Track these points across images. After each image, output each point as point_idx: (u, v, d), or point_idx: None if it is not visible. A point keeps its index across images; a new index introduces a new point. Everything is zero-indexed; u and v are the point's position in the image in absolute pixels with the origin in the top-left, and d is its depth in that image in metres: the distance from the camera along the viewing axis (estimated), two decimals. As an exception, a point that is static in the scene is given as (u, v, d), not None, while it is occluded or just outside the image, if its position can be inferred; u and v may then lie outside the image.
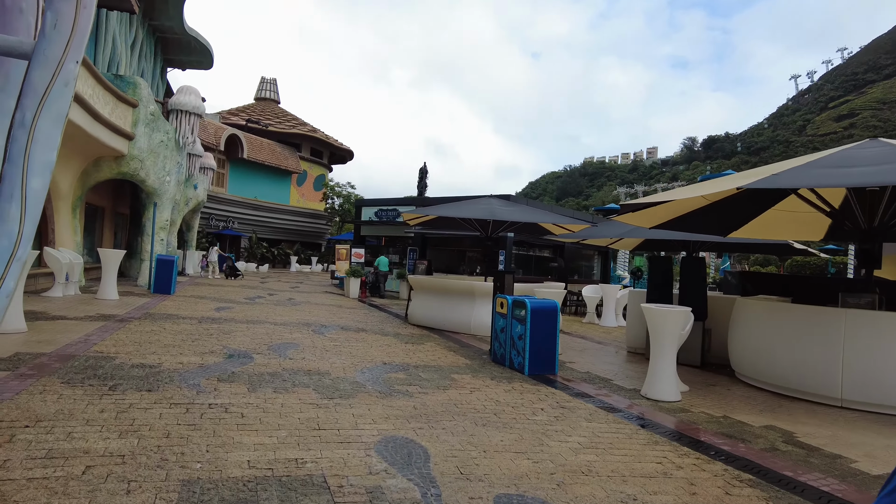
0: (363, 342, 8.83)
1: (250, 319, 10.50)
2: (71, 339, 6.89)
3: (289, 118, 45.81)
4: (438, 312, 11.45)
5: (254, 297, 15.79)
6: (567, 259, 20.17)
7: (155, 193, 15.54)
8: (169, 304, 11.86)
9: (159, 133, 15.36)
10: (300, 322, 10.75)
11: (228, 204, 36.42)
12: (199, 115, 16.43)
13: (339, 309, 14.24)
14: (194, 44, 23.60)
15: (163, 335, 7.86)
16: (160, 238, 15.74)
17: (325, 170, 46.59)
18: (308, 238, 44.08)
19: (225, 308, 12.12)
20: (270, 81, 48.46)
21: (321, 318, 11.82)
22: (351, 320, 11.84)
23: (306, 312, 12.66)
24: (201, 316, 10.41)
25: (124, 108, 14.00)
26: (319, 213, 44.19)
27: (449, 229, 17.76)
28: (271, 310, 12.57)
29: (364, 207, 24.02)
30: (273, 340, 8.24)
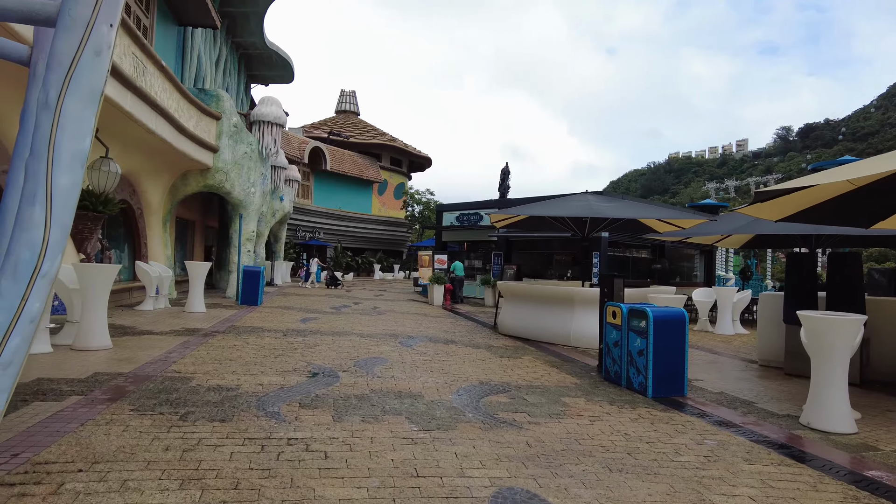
0: (454, 356, 8.00)
1: (335, 331, 9.99)
2: (151, 357, 6.54)
3: (368, 129, 46.37)
4: (532, 321, 10.45)
5: (339, 306, 15.46)
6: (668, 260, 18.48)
7: (240, 205, 15.62)
8: (254, 316, 11.63)
9: (243, 145, 15.43)
10: (386, 333, 10.11)
11: (314, 215, 37.15)
12: (280, 126, 16.43)
13: (424, 318, 13.56)
14: (275, 58, 24.02)
15: (245, 351, 7.41)
16: (247, 249, 15.81)
17: (405, 178, 46.72)
18: (390, 246, 44.29)
19: (310, 319, 11.74)
20: (349, 94, 49.35)
21: (407, 328, 11.15)
22: (438, 330, 11.09)
23: (392, 322, 12.06)
24: (286, 328, 10.02)
25: (208, 120, 14.11)
26: (400, 220, 44.30)
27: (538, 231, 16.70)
28: (356, 320, 12.07)
29: (445, 213, 23.40)
30: (359, 354, 7.59)
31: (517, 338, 10.51)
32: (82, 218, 9.11)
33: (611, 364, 6.99)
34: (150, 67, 10.21)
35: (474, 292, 21.76)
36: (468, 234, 22.40)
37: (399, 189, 45.46)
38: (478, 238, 22.09)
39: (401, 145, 44.78)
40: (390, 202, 44.87)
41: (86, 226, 9.22)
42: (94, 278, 6.66)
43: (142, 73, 9.69)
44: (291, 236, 34.77)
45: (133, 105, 9.25)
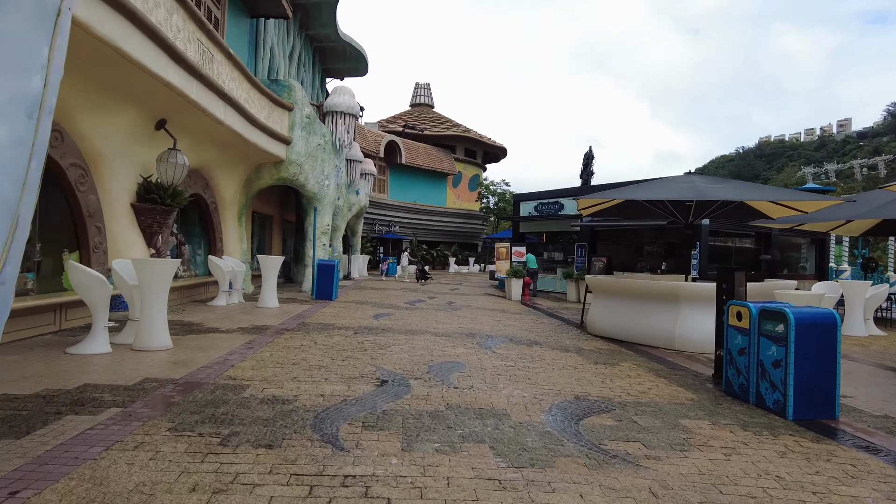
0: (541, 361, 7.01)
1: (409, 329, 9.25)
2: (210, 359, 6.02)
3: (443, 121, 45.79)
4: (628, 321, 9.24)
5: (414, 301, 14.82)
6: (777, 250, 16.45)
7: (315, 198, 15.30)
8: (327, 312, 11.14)
9: (316, 136, 15.07)
10: (462, 332, 9.26)
11: (390, 209, 37.05)
12: (353, 116, 15.97)
13: (502, 314, 12.61)
14: (349, 50, 23.74)
15: (311, 352, 6.78)
16: (322, 243, 15.49)
17: (479, 169, 45.78)
18: (465, 239, 43.58)
19: (384, 315, 11.11)
20: (424, 86, 48.96)
21: (485, 326, 10.25)
22: (518, 329, 10.11)
23: (468, 319, 11.20)
24: (358, 325, 9.40)
25: (280, 112, 13.80)
26: (475, 213, 43.47)
27: (628, 219, 15.28)
28: (431, 316, 11.32)
29: (522, 202, 22.27)
30: (433, 358, 6.78)
31: (610, 339, 9.35)
32: (150, 212, 8.87)
33: (734, 375, 5.75)
34: (218, 55, 9.86)
35: (554, 286, 20.55)
36: (547, 224, 21.18)
37: (473, 181, 44.59)
38: (558, 228, 20.82)
39: (475, 136, 43.87)
40: (465, 194, 44.11)
41: (154, 219, 8.98)
42: (152, 274, 6.23)
43: (208, 60, 9.34)
44: (368, 230, 34.80)
45: (199, 94, 8.90)
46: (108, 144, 8.10)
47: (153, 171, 9.13)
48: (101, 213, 8.24)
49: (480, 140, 44.14)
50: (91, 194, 7.93)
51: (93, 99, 7.53)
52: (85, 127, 7.64)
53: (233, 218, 13.97)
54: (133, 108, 8.30)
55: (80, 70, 7.03)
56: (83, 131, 7.64)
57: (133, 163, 8.78)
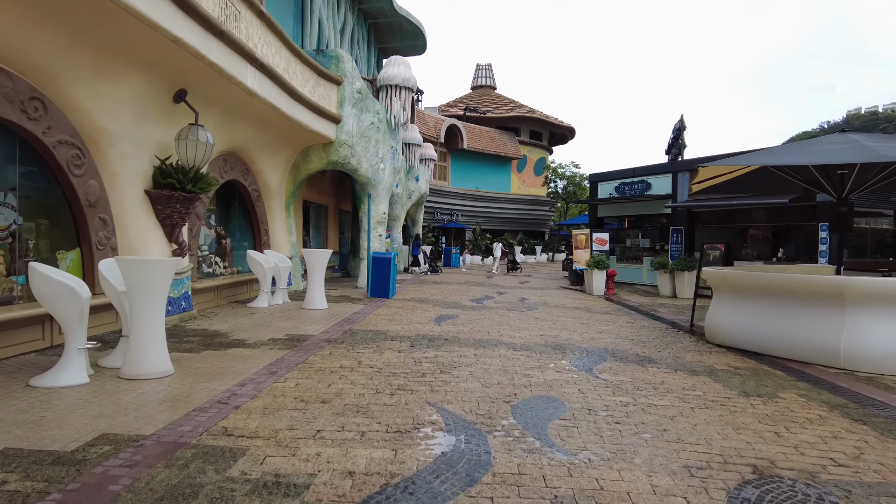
0: (667, 393, 4.99)
1: (478, 339, 7.41)
2: (212, 395, 4.40)
3: (506, 102, 43.49)
4: (768, 328, 7.02)
5: (481, 297, 12.97)
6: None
7: (368, 183, 13.69)
8: (381, 315, 9.48)
9: (369, 114, 13.43)
10: (547, 342, 7.33)
11: (451, 196, 35.33)
12: (410, 90, 14.23)
13: (588, 315, 10.54)
14: (405, 25, 22.01)
15: (351, 378, 5.07)
16: (377, 233, 13.91)
17: (545, 152, 43.18)
18: (530, 226, 41.23)
19: (447, 318, 9.33)
20: (485, 67, 46.75)
21: (572, 332, 8.27)
22: (616, 336, 8.06)
23: (549, 322, 9.24)
24: (415, 334, 7.65)
25: (327, 85, 12.23)
26: (541, 198, 41.03)
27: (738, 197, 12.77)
28: (503, 319, 9.43)
29: (601, 183, 19.87)
30: (516, 389, 4.90)
31: (740, 351, 7.16)
32: (168, 199, 7.43)
33: None
34: (246, 13, 8.31)
35: (638, 277, 18.13)
36: (630, 207, 18.72)
37: (539, 164, 42.07)
38: (643, 211, 18.33)
39: (540, 116, 41.29)
40: (530, 179, 41.70)
41: (174, 209, 7.55)
42: (143, 278, 4.69)
43: (233, 17, 7.78)
44: (429, 219, 33.23)
45: (221, 56, 7.35)
46: (111, 119, 6.68)
47: (173, 153, 7.70)
48: (107, 202, 6.86)
49: (546, 120, 41.52)
50: (91, 179, 6.54)
51: (87, 62, 6.10)
52: (79, 96, 6.22)
53: (279, 208, 12.58)
54: (142, 76, 6.84)
55: (65, 23, 5.57)
56: (77, 102, 6.23)
57: (147, 142, 7.36)
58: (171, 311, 7.75)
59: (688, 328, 9.39)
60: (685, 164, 15.60)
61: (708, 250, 9.53)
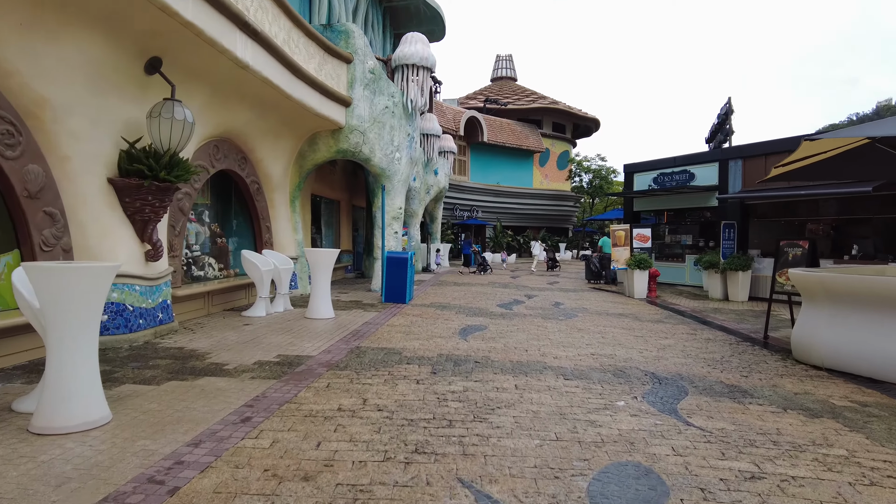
0: (803, 454, 3.49)
1: (516, 360, 5.96)
2: (144, 467, 3.02)
3: (527, 93, 41.85)
4: (886, 347, 5.47)
5: (509, 301, 11.51)
6: None
7: (383, 175, 12.30)
8: (396, 326, 8.08)
9: (383, 97, 12.03)
10: (603, 365, 5.85)
11: (471, 192, 33.84)
12: (428, 69, 12.80)
13: (638, 324, 9.02)
14: (424, 9, 20.53)
15: (350, 433, 3.65)
16: (393, 230, 12.52)
17: (569, 145, 41.42)
18: (554, 223, 39.55)
19: (474, 329, 7.90)
20: (506, 58, 45.13)
21: (629, 348, 6.77)
22: (685, 355, 6.55)
23: (597, 335, 7.75)
24: (437, 353, 6.23)
25: (335, 63, 10.85)
26: (566, 193, 39.30)
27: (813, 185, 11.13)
28: (540, 330, 7.97)
29: (637, 174, 18.22)
30: (585, 450, 3.44)
31: (848, 375, 5.64)
32: (138, 190, 6.10)
33: None
34: (234, -33, 6.94)
35: (679, 277, 16.49)
36: (670, 200, 17.06)
37: (563, 158, 40.36)
38: (685, 205, 16.66)
39: (563, 107, 39.56)
40: (553, 173, 40.01)
41: (146, 202, 6.21)
42: (59, 292, 3.34)
43: (215, -32, 6.41)
44: (449, 216, 31.82)
45: (198, 13, 6.00)
46: (56, 88, 5.36)
47: (144, 134, 6.37)
48: (56, 193, 5.55)
49: (570, 112, 39.79)
50: (30, 163, 5.22)
51: (14, 10, 4.77)
52: (4, 55, 4.90)
53: (283, 202, 11.25)
54: (98, 35, 5.51)
55: None
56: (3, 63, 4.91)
57: (110, 120, 6.03)
58: (144, 325, 6.43)
59: (761, 340, 7.84)
60: (738, 150, 13.91)
61: (786, 248, 7.94)
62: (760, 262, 12.88)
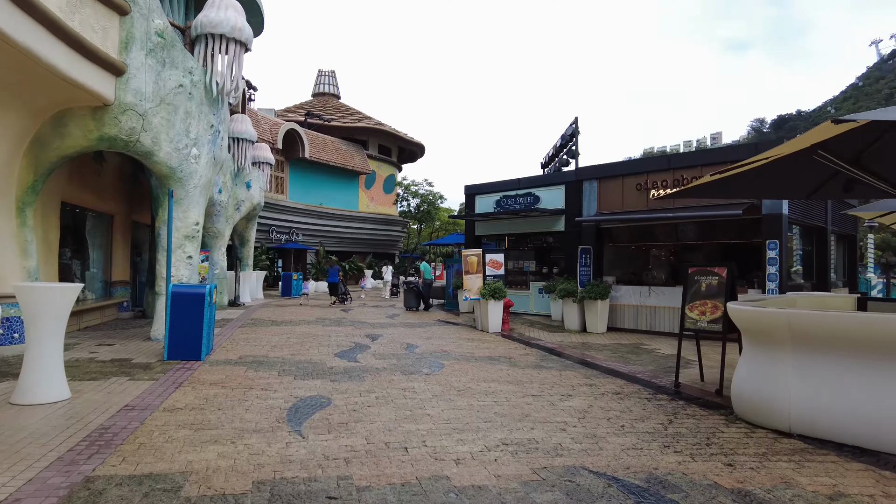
0: None
1: (399, 483, 3.42)
2: None
3: (352, 112, 39.66)
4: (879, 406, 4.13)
5: (350, 347, 8.88)
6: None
7: (171, 176, 8.89)
8: (180, 409, 4.98)
9: (176, 72, 8.73)
10: (534, 468, 3.62)
11: (290, 213, 30.29)
12: (242, 44, 9.79)
13: (521, 373, 7.06)
14: (236, -10, 17.15)
15: None
16: (185, 254, 9.11)
17: (395, 169, 40.04)
18: (381, 248, 37.53)
19: (311, 406, 5.16)
20: (329, 74, 42.48)
21: (541, 421, 4.66)
22: (612, 425, 4.64)
23: (486, 400, 5.53)
24: (254, 479, 3.43)
25: (100, 9, 7.40)
26: (393, 217, 37.63)
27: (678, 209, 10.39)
28: (411, 400, 5.51)
29: (479, 196, 16.88)
30: None
31: (828, 444, 4.19)
32: None
33: None
34: None
35: (524, 306, 15.35)
36: (514, 224, 15.93)
37: (389, 181, 38.79)
38: (529, 229, 15.63)
39: (390, 130, 38.15)
40: (380, 196, 38.17)
41: None
42: None
43: None
44: (263, 239, 27.91)
45: None
46: None
47: None
48: None
49: (397, 135, 38.48)
50: None
51: None
52: None
53: (5, 212, 7.31)
54: None
55: None
56: None
57: None
58: None
59: (673, 389, 6.35)
60: (594, 170, 13.09)
61: (697, 276, 6.63)
62: (618, 290, 12.03)
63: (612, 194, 12.32)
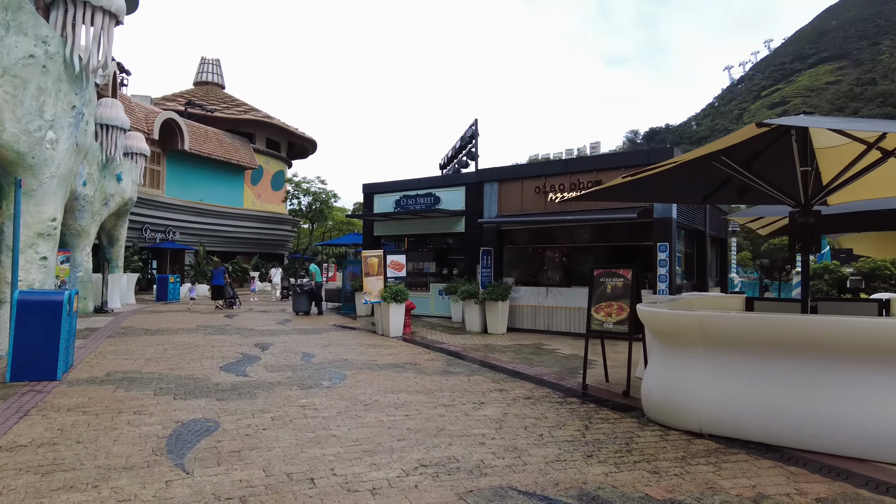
0: None
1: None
2: None
3: (238, 103, 37.35)
4: (795, 406, 4.33)
5: (238, 359, 8.05)
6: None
7: (20, 162, 7.54)
8: (25, 447, 4.08)
9: (25, 39, 7.41)
10: (460, 493, 3.27)
11: (167, 209, 27.80)
12: (112, 16, 8.54)
13: (430, 381, 6.74)
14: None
15: None
16: (38, 255, 7.77)
17: (284, 165, 38.25)
18: (269, 248, 35.63)
19: (196, 432, 4.46)
20: (213, 62, 39.71)
21: (456, 435, 4.36)
22: (530, 435, 4.46)
23: (395, 413, 5.13)
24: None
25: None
26: (282, 216, 35.88)
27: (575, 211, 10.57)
28: (313, 419, 4.96)
29: (377, 195, 16.37)
30: None
31: (730, 440, 4.31)
32: None
33: None
34: None
35: (426, 308, 15.11)
36: (414, 224, 15.62)
37: (278, 178, 36.97)
38: (430, 230, 15.40)
39: (279, 123, 36.35)
40: (267, 194, 36.24)
41: None
42: None
43: None
44: (136, 238, 25.34)
45: None
46: None
47: None
48: None
49: (286, 129, 36.73)
50: None
51: None
52: None
53: None
54: None
55: None
56: None
57: None
58: None
59: (581, 392, 6.35)
60: (495, 172, 13.08)
61: (603, 278, 6.68)
62: (517, 291, 12.12)
63: (512, 196, 12.41)
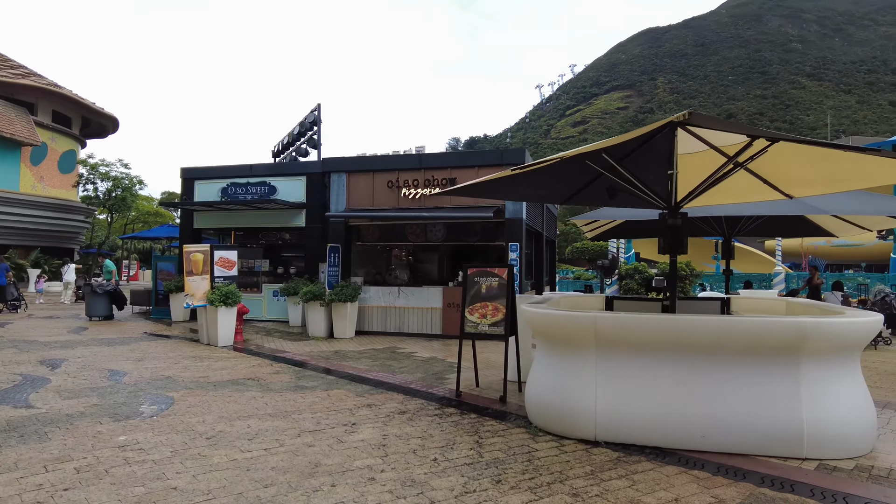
0: None
1: None
2: None
3: (13, 65, 30.82)
4: (679, 404, 4.32)
5: (17, 383, 6.15)
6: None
7: None
8: None
9: None
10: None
11: None
12: None
13: (276, 398, 5.76)
14: None
15: None
16: None
17: (77, 144, 32.55)
18: (54, 241, 29.98)
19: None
20: (-28, 9, 32.18)
21: (340, 472, 3.56)
22: (423, 461, 3.86)
23: (255, 450, 4.12)
24: None
25: None
26: (73, 204, 30.47)
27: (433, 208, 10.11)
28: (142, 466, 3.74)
29: (199, 182, 14.30)
30: None
31: (628, 447, 4.22)
32: None
33: None
34: None
35: (258, 311, 13.62)
36: (243, 217, 13.95)
37: (68, 158, 31.30)
38: (263, 223, 13.88)
39: (71, 95, 30.84)
40: (53, 176, 30.47)
41: None
42: None
43: None
44: None
45: None
46: None
47: None
48: None
49: (79, 102, 31.26)
50: None
51: None
52: None
53: None
54: None
55: None
56: None
57: None
58: None
59: (455, 400, 5.90)
60: (343, 162, 12.03)
61: (477, 278, 6.24)
62: (367, 292, 11.34)
63: (362, 190, 11.58)
